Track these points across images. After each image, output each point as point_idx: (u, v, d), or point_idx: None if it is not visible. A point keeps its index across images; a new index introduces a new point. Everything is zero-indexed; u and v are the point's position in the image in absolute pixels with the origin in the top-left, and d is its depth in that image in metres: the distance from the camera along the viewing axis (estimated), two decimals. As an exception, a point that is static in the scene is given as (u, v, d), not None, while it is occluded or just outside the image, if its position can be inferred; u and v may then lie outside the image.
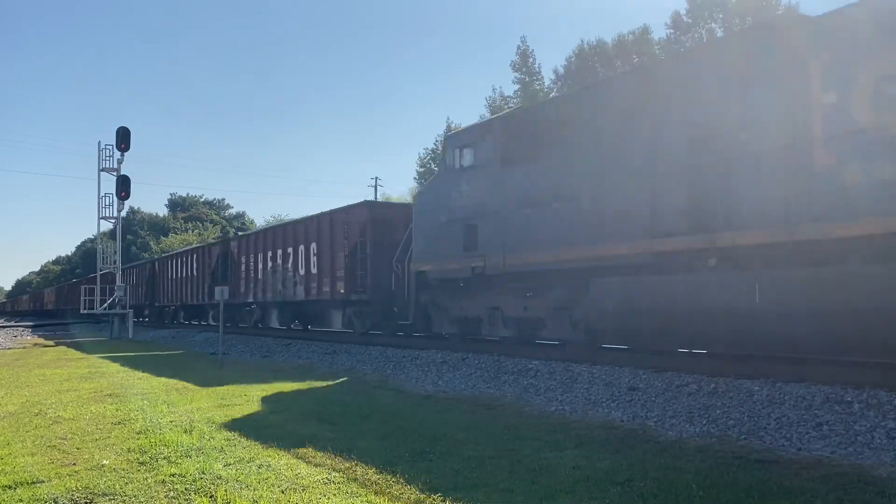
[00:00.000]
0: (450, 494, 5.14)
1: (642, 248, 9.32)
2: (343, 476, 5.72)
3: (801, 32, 8.07)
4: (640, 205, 9.36)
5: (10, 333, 34.13)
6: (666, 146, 9.09)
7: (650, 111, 9.46)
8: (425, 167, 44.40)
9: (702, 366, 9.16)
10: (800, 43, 7.83)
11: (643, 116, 9.54)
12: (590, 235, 10.10)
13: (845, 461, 5.99)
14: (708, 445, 6.73)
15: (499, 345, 12.90)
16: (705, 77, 8.85)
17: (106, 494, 5.36)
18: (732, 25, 29.85)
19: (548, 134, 11.39)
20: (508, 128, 12.21)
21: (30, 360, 18.53)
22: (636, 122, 9.64)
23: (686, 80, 9.21)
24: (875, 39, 7.12)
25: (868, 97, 7.09)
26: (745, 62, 8.34)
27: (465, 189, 12.80)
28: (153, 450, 6.73)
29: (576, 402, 9.04)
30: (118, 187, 30.08)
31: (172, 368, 14.95)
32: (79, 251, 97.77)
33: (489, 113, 38.02)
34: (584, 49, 34.95)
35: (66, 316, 51.19)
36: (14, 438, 7.63)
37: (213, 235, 62.91)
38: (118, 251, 31.73)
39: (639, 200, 9.37)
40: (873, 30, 7.15)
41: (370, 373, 13.33)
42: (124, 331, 30.55)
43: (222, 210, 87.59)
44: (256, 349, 19.47)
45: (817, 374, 7.98)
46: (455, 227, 12.96)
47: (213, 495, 5.20)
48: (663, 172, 9.04)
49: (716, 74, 8.69)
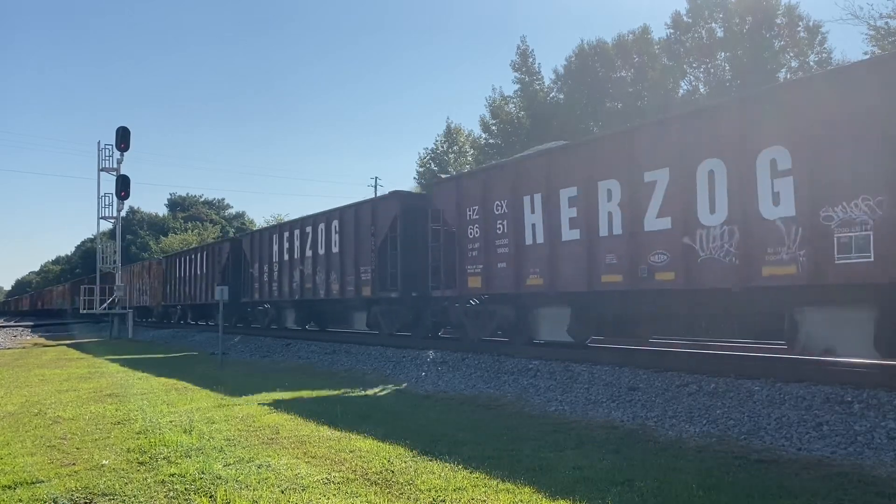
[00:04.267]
0: (450, 494, 5.14)
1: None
2: (343, 476, 5.71)
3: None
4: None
5: (9, 333, 34.11)
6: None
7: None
8: (425, 167, 44.31)
9: (702, 366, 9.17)
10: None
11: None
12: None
13: (845, 461, 5.99)
14: (708, 445, 6.73)
15: (499, 345, 12.87)
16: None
17: (106, 494, 5.36)
18: (732, 25, 29.82)
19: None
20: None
21: (29, 360, 18.52)
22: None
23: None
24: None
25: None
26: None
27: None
28: (153, 450, 6.72)
29: (576, 401, 9.04)
30: (118, 187, 30.07)
31: (172, 368, 14.95)
32: (78, 251, 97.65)
33: (489, 113, 37.98)
34: (584, 49, 34.87)
35: (66, 315, 51.06)
36: (14, 438, 7.63)
37: (212, 235, 62.87)
38: (118, 251, 31.73)
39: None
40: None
41: (370, 373, 13.32)
42: (124, 331, 30.54)
43: (222, 210, 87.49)
44: (256, 349, 19.46)
45: (817, 374, 7.98)
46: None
47: (213, 495, 5.19)
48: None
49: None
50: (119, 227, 31.53)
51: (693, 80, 31.67)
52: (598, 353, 11.02)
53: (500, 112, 37.54)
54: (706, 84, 30.85)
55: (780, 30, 29.22)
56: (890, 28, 23.18)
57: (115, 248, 31.85)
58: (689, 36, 31.30)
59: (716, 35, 30.64)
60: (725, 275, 8.57)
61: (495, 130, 37.75)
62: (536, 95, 36.19)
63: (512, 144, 34.40)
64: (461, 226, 13.15)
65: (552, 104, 35.36)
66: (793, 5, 29.02)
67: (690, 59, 31.25)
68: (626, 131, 10.39)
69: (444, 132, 45.30)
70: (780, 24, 29.21)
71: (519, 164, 12.19)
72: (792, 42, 29.04)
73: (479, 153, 39.29)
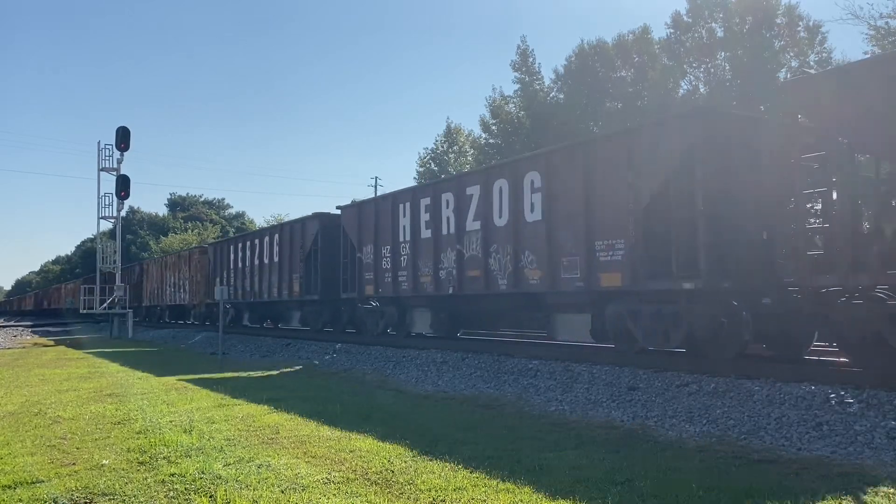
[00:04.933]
0: (450, 494, 5.14)
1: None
2: (343, 476, 5.71)
3: None
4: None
5: (9, 333, 34.10)
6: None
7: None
8: (425, 167, 44.26)
9: (702, 366, 9.17)
10: None
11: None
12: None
13: (845, 461, 5.99)
14: (708, 445, 6.73)
15: (499, 345, 12.93)
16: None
17: (106, 494, 5.35)
18: (732, 25, 29.80)
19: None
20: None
21: (29, 360, 18.53)
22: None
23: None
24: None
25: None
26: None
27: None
28: (153, 450, 6.72)
29: (576, 401, 9.04)
30: (118, 187, 30.08)
31: (172, 368, 14.95)
32: (78, 251, 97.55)
33: (489, 113, 37.93)
34: (584, 49, 34.82)
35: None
36: (14, 438, 7.63)
37: (212, 235, 62.85)
38: (118, 251, 31.72)
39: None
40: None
41: (370, 373, 13.32)
42: (124, 330, 30.54)
43: (222, 210, 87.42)
44: (256, 349, 19.47)
45: (817, 374, 7.99)
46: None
47: (213, 495, 5.19)
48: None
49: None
50: (119, 226, 31.55)
51: (693, 80, 31.64)
52: (598, 353, 11.01)
53: (500, 112, 37.49)
54: (706, 84, 30.83)
55: (780, 30, 29.17)
56: (890, 28, 23.17)
57: (115, 247, 31.84)
58: (689, 36, 31.24)
59: (716, 35, 30.60)
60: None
61: (495, 130, 37.70)
62: (536, 95, 36.13)
63: (512, 144, 34.35)
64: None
65: (552, 104, 35.31)
66: (793, 5, 28.98)
67: (690, 59, 31.21)
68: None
69: (444, 132, 45.25)
70: (780, 24, 29.17)
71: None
72: (792, 42, 29.01)
73: (479, 153, 39.24)
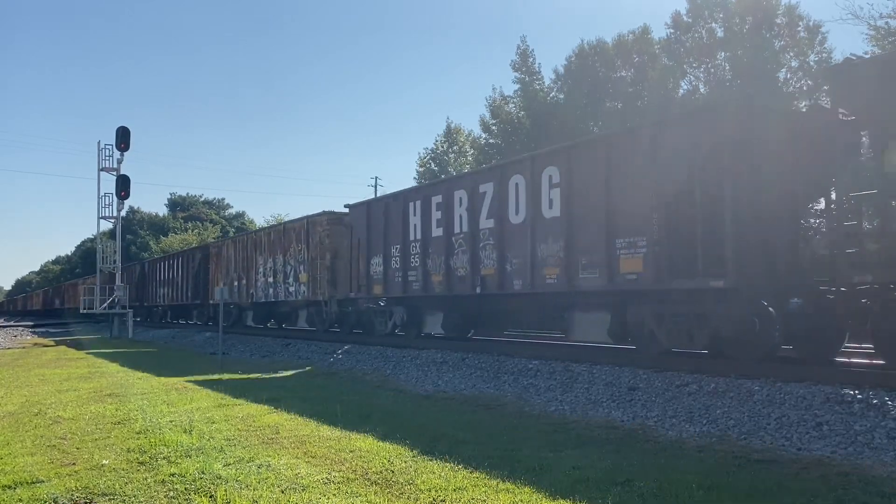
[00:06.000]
0: (450, 494, 5.14)
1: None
2: (343, 476, 5.71)
3: None
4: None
5: (9, 333, 34.10)
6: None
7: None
8: (425, 167, 44.22)
9: (702, 366, 9.16)
10: None
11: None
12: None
13: (845, 461, 5.98)
14: (708, 445, 6.73)
15: (499, 344, 12.92)
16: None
17: (106, 494, 5.35)
18: (732, 25, 29.79)
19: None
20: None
21: (29, 360, 18.52)
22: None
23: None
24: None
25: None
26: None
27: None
28: (153, 450, 6.72)
29: (576, 402, 9.03)
30: (118, 187, 30.09)
31: (172, 368, 14.95)
32: (78, 251, 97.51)
33: (489, 113, 37.93)
34: (584, 49, 34.81)
35: (66, 315, 50.75)
36: (14, 438, 7.63)
37: (212, 235, 62.86)
38: (118, 251, 31.73)
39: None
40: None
41: (370, 373, 13.32)
42: (124, 330, 30.53)
43: (222, 210, 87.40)
44: (256, 349, 19.46)
45: (817, 374, 7.98)
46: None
47: (213, 495, 5.19)
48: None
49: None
50: (119, 226, 31.55)
51: (693, 80, 31.62)
52: (599, 353, 11.01)
53: (500, 112, 37.47)
54: (706, 84, 30.82)
55: (780, 30, 29.16)
56: (890, 28, 23.14)
57: (116, 247, 31.84)
58: (689, 36, 31.22)
59: (716, 35, 30.58)
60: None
61: (495, 130, 37.68)
62: (536, 95, 36.10)
63: (512, 144, 34.34)
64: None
65: (552, 104, 35.29)
66: (793, 5, 28.95)
67: (690, 59, 31.20)
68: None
69: (444, 132, 45.21)
70: (780, 24, 29.15)
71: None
72: (792, 42, 28.99)
73: (479, 153, 39.23)
